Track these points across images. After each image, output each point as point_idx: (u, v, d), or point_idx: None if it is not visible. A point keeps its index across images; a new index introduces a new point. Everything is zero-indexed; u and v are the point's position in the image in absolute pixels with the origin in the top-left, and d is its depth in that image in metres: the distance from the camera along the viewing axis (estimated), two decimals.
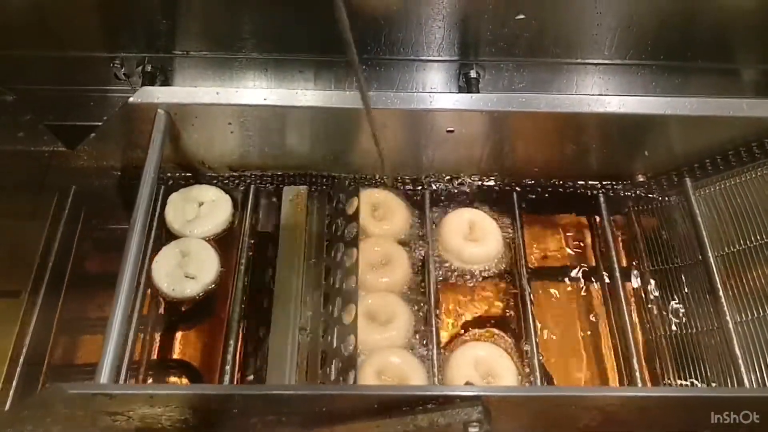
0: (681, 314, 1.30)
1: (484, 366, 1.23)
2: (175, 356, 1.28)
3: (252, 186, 1.42)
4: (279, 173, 1.42)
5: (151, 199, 1.19)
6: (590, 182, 1.44)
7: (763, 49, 1.38)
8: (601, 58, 1.39)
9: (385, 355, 1.21)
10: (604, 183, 1.44)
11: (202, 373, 1.26)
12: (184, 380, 1.27)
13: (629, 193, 1.44)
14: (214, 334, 1.28)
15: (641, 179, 1.43)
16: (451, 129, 1.32)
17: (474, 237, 1.38)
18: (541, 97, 1.30)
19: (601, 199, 1.42)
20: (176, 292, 1.30)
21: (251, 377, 1.22)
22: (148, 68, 1.37)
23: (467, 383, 1.09)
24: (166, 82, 1.41)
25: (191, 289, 1.30)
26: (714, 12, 1.32)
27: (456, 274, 1.36)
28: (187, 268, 1.32)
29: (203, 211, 1.39)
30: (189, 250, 1.34)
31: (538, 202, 1.44)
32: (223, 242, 1.38)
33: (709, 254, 1.27)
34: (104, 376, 1.01)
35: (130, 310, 1.09)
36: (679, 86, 1.43)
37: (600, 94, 1.41)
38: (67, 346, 1.28)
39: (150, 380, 1.25)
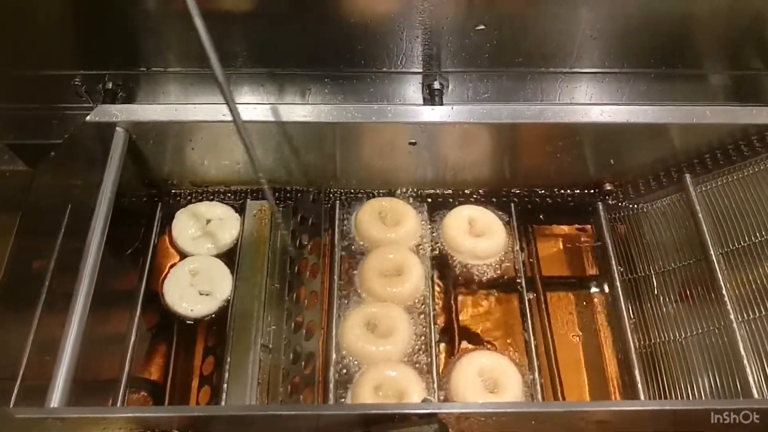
0: (681, 317, 1.27)
1: (489, 375, 1.21)
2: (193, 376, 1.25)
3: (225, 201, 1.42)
4: (243, 188, 1.42)
5: (108, 218, 1.19)
6: (558, 191, 1.44)
7: (727, 54, 1.37)
8: (565, 66, 1.37)
9: (383, 370, 1.20)
10: (573, 192, 1.44)
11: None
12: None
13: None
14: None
15: (609, 188, 1.43)
16: (414, 141, 1.32)
17: (477, 232, 1.37)
18: (502, 108, 1.29)
19: (574, 207, 1.43)
20: (195, 312, 1.29)
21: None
22: (109, 85, 1.36)
23: (425, 400, 1.07)
24: (128, 99, 1.39)
25: (209, 306, 1.29)
26: (676, 18, 1.31)
27: (462, 278, 1.35)
28: (201, 286, 1.30)
29: (210, 228, 1.38)
30: (198, 267, 1.33)
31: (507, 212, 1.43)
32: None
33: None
34: (55, 399, 1.00)
35: (83, 331, 1.08)
36: (645, 93, 1.41)
37: (563, 104, 1.40)
38: (43, 366, 1.26)
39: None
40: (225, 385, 1.18)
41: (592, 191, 1.44)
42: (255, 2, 1.27)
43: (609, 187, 1.42)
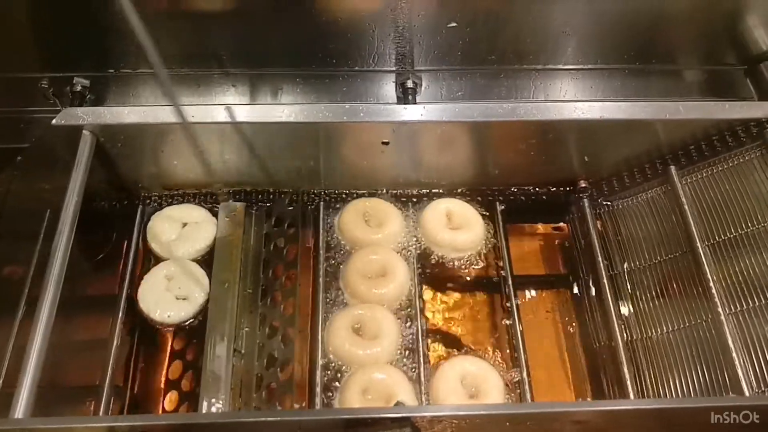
0: (668, 311, 1.26)
1: (470, 381, 1.20)
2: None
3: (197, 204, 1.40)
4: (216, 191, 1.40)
5: (74, 224, 1.17)
6: (533, 189, 1.43)
7: (701, 49, 1.37)
8: (539, 63, 1.37)
9: (370, 372, 1.18)
10: (548, 189, 1.43)
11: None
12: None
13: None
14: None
15: (583, 185, 1.42)
16: (387, 141, 1.30)
17: (455, 225, 1.36)
18: (474, 106, 1.28)
19: (552, 204, 1.42)
20: (172, 318, 1.26)
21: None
22: (77, 88, 1.33)
23: (397, 404, 1.06)
24: (98, 101, 1.37)
25: (186, 311, 1.27)
26: (650, 15, 1.30)
27: (444, 276, 1.34)
28: (177, 291, 1.28)
29: (186, 232, 1.36)
30: (174, 272, 1.31)
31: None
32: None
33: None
34: (20, 410, 0.98)
35: (49, 338, 1.06)
36: (619, 89, 1.40)
37: (536, 101, 1.40)
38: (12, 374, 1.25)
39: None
40: (198, 392, 1.16)
41: (567, 188, 1.43)
42: (225, 2, 1.26)
43: (584, 185, 1.41)
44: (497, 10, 1.29)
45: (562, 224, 1.43)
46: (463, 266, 1.36)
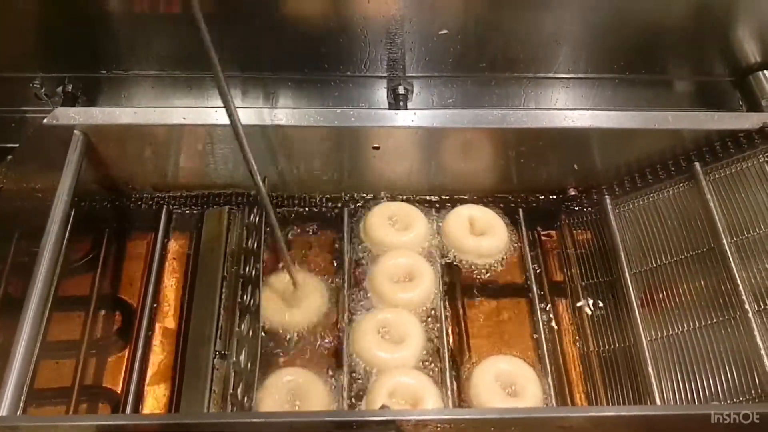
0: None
1: (507, 379, 1.20)
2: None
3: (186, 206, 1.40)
4: (204, 192, 1.40)
5: (66, 223, 1.17)
6: (521, 196, 1.43)
7: (690, 61, 1.39)
8: (530, 72, 1.38)
9: (397, 376, 1.18)
10: (534, 197, 1.43)
11: None
12: None
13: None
14: None
15: (573, 193, 1.42)
16: (377, 146, 1.31)
17: (478, 231, 1.36)
18: (464, 113, 1.29)
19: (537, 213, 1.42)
20: None
21: None
22: (69, 88, 1.34)
23: (382, 407, 1.06)
24: (90, 102, 1.38)
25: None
26: (642, 26, 1.32)
27: (469, 280, 1.34)
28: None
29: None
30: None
31: None
32: None
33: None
34: (4, 408, 0.97)
35: (35, 337, 1.05)
36: (610, 99, 1.42)
37: (527, 109, 1.40)
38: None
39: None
40: (183, 393, 1.16)
41: (556, 195, 1.43)
42: (217, 5, 1.26)
43: (573, 192, 1.42)
44: (489, 19, 1.30)
45: (551, 231, 1.41)
46: (487, 272, 1.35)
